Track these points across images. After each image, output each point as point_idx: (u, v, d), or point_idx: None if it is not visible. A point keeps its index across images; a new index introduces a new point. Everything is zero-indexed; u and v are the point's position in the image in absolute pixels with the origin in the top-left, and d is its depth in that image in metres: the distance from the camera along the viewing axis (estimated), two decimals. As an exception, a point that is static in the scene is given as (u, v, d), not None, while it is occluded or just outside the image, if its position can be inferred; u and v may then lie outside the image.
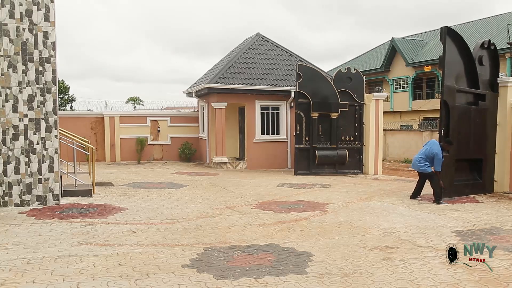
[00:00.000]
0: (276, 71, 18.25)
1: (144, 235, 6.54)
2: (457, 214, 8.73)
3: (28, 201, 8.49)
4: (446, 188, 10.24)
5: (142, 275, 4.81)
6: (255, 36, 20.01)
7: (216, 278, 4.79)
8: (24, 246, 5.84)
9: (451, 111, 10.34)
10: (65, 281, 4.59)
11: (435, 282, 4.84)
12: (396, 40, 32.73)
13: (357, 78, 15.07)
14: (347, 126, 14.66)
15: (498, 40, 24.09)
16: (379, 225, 7.61)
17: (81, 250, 5.71)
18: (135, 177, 13.50)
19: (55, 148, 8.69)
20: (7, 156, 8.36)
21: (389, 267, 5.31)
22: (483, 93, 11.22)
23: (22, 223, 7.15)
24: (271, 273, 4.99)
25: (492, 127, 11.49)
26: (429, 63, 29.61)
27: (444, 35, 10.19)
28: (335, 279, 4.86)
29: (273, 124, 17.77)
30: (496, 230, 7.40)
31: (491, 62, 11.57)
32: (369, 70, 33.23)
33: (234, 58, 18.38)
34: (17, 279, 4.63)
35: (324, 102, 14.18)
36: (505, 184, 11.47)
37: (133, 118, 19.90)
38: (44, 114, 8.57)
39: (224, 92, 16.94)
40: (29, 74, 8.46)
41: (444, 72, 10.22)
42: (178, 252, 5.72)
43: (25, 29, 8.40)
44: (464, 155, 10.82)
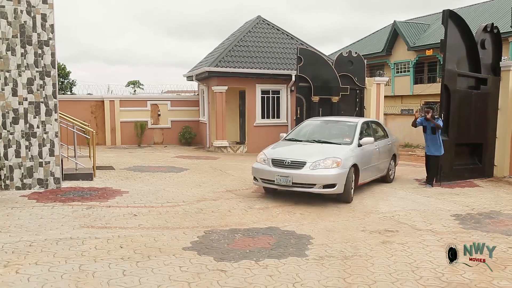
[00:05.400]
0: (277, 54, 18.12)
1: (145, 218, 6.59)
2: (457, 198, 8.77)
3: (30, 184, 8.52)
4: (446, 172, 10.29)
5: (144, 258, 4.86)
6: (256, 19, 19.82)
7: (216, 260, 4.84)
8: (26, 228, 5.88)
9: (452, 96, 10.31)
10: (67, 263, 4.64)
11: (433, 265, 4.89)
12: (398, 23, 32.39)
13: (358, 62, 14.94)
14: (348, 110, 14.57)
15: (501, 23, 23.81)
16: (379, 209, 7.66)
17: (83, 232, 5.76)
18: (136, 161, 13.53)
19: (56, 132, 8.69)
20: (7, 140, 8.37)
21: (388, 250, 5.36)
22: (484, 77, 11.16)
23: (24, 206, 7.19)
24: (271, 256, 5.04)
25: (493, 112, 11.45)
26: (431, 47, 29.33)
27: (446, 18, 10.09)
28: (335, 261, 4.91)
29: (273, 108, 17.72)
30: (495, 214, 7.45)
31: (493, 46, 11.48)
32: (370, 53, 32.96)
33: (234, 41, 18.23)
34: (20, 261, 4.68)
35: (325, 86, 14.10)
36: (505, 169, 11.49)
37: (133, 102, 19.84)
38: (43, 98, 8.55)
39: (225, 76, 16.84)
40: (28, 57, 8.41)
41: (446, 56, 10.15)
42: (179, 235, 5.77)
43: (23, 11, 8.32)
44: (465, 139, 10.82)
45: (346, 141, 8.81)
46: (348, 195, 8.00)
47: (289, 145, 9.07)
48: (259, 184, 8.46)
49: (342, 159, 7.89)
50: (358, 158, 8.47)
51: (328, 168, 7.75)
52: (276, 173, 7.91)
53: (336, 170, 7.74)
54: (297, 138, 9.35)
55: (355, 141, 8.75)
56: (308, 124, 10.18)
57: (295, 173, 7.74)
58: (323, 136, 9.25)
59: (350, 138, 8.88)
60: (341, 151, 8.26)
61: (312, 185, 7.70)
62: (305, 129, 9.91)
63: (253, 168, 8.49)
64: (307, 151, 8.45)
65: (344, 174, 7.81)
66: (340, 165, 7.80)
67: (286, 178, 7.77)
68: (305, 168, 7.76)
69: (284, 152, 8.40)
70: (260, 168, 8.27)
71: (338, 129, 9.67)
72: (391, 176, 10.54)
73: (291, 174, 7.76)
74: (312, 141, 9.05)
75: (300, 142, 9.11)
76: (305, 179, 7.72)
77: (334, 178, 7.70)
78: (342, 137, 9.06)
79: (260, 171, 8.25)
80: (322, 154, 8.07)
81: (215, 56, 18.01)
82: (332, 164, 7.79)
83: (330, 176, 7.69)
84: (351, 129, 9.23)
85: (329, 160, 7.84)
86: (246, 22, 20.94)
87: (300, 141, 9.16)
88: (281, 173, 7.86)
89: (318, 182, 7.68)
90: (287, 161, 7.95)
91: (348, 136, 9.01)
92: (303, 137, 9.37)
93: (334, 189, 7.70)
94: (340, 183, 7.75)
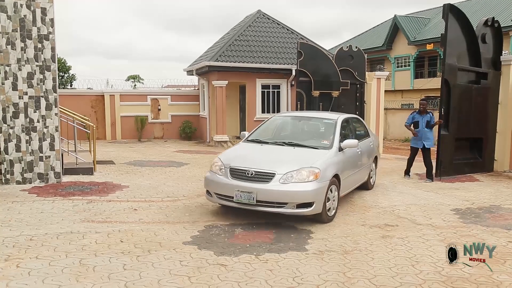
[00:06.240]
0: (277, 49, 18.08)
1: (145, 213, 6.60)
2: (457, 192, 8.78)
3: (30, 178, 8.53)
4: (446, 166, 10.29)
5: (144, 252, 4.87)
6: (256, 13, 19.74)
7: (217, 255, 4.85)
8: (27, 223, 5.89)
9: (452, 90, 10.28)
10: (68, 257, 4.65)
11: (433, 259, 4.90)
12: (398, 17, 32.29)
13: (358, 56, 14.89)
14: (348, 105, 14.53)
15: (502, 17, 23.74)
16: (379, 203, 7.66)
17: (83, 227, 5.77)
18: (136, 155, 13.54)
19: (56, 126, 8.68)
20: (7, 134, 8.37)
21: (388, 245, 5.37)
22: (485, 71, 11.13)
23: (24, 200, 7.20)
24: (271, 250, 5.05)
25: (494, 106, 11.43)
26: (431, 41, 29.25)
27: (446, 12, 10.05)
28: (335, 256, 4.92)
29: (273, 102, 17.70)
30: (495, 208, 7.45)
31: (494, 40, 11.43)
32: (371, 48, 32.88)
33: (234, 35, 18.18)
34: (21, 255, 4.69)
35: (325, 80, 14.05)
36: (505, 163, 11.49)
37: (133, 96, 19.81)
38: (44, 92, 8.54)
39: (225, 70, 16.82)
40: (28, 51, 8.39)
41: (446, 50, 10.11)
42: (179, 229, 5.78)
43: (22, 5, 8.28)
44: (465, 134, 10.81)
45: (324, 144, 7.00)
46: (326, 214, 6.27)
47: (253, 149, 7.09)
48: (213, 201, 6.57)
49: (321, 169, 6.14)
50: (340, 166, 6.74)
51: (304, 182, 5.98)
52: (235, 187, 6.07)
53: (314, 184, 5.99)
54: (262, 139, 7.40)
55: (335, 144, 6.97)
56: (276, 121, 8.22)
57: (261, 188, 5.92)
58: (295, 137, 7.48)
59: (329, 140, 7.08)
60: (319, 158, 6.46)
61: (283, 204, 5.92)
62: (273, 127, 8.08)
63: (205, 179, 6.68)
64: (276, 158, 6.60)
65: (323, 188, 6.11)
66: (318, 177, 6.04)
67: (249, 194, 5.94)
68: (274, 181, 5.96)
69: (247, 159, 6.54)
70: (215, 180, 6.40)
71: (313, 128, 7.92)
72: (371, 182, 8.91)
73: (255, 189, 5.93)
74: (282, 143, 7.12)
75: (267, 144, 7.18)
76: (274, 196, 5.92)
77: (312, 195, 5.95)
78: (319, 139, 7.31)
79: (215, 183, 6.41)
80: (295, 162, 6.27)
81: (215, 50, 17.96)
82: (309, 176, 6.02)
83: (306, 193, 5.93)
84: (330, 128, 7.44)
85: (304, 171, 6.06)
86: (246, 17, 20.87)
87: (266, 143, 7.23)
88: (242, 187, 6.02)
89: (291, 201, 5.90)
90: (250, 172, 6.11)
91: (326, 137, 7.23)
92: (270, 138, 7.57)
93: (311, 208, 5.95)
94: (318, 201, 6.02)
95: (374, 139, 9.41)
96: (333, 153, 6.78)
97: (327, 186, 6.21)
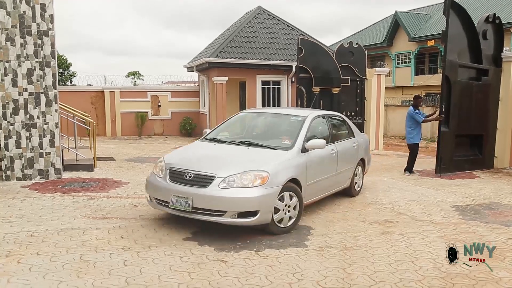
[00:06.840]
0: (278, 45, 18.04)
1: (145, 209, 6.60)
2: (457, 189, 8.78)
3: (30, 175, 8.54)
4: (446, 163, 10.30)
5: (144, 248, 4.88)
6: (256, 9, 19.70)
7: (217, 250, 4.86)
8: (28, 219, 5.90)
9: (452, 87, 10.28)
10: (68, 253, 4.66)
11: (433, 255, 4.91)
12: (399, 14, 32.22)
13: (359, 52, 14.89)
14: (349, 101, 14.55)
15: (503, 14, 23.66)
16: (379, 200, 7.67)
17: (84, 223, 5.78)
18: (136, 152, 13.54)
19: (56, 123, 8.68)
20: (8, 131, 8.37)
21: (388, 241, 5.38)
22: (486, 68, 11.12)
23: (25, 196, 7.21)
24: (271, 246, 5.06)
25: (494, 103, 11.42)
26: (432, 37, 29.20)
27: (447, 9, 10.03)
28: (335, 252, 4.93)
29: (274, 99, 17.68)
30: (495, 205, 7.46)
31: (495, 37, 11.41)
32: (371, 44, 32.81)
33: (234, 32, 18.14)
34: (22, 251, 4.70)
35: (325, 77, 14.05)
36: (506, 160, 11.49)
37: (133, 93, 19.82)
38: (43, 88, 8.53)
39: (225, 67, 16.79)
40: (28, 48, 8.37)
41: (447, 46, 10.09)
42: (179, 225, 5.78)
43: (22, 1, 8.26)
44: (465, 130, 10.81)
45: (285, 144, 6.23)
46: (275, 225, 5.48)
47: (202, 148, 6.53)
48: (153, 206, 5.88)
49: (270, 173, 5.37)
50: (301, 169, 5.97)
51: (247, 187, 5.24)
52: (172, 191, 5.43)
53: (260, 190, 5.23)
54: (220, 138, 6.78)
55: (298, 144, 6.20)
56: (240, 118, 7.63)
57: (197, 194, 5.23)
58: (255, 136, 6.93)
59: (292, 139, 6.30)
60: (272, 160, 5.73)
61: (222, 213, 5.19)
62: (236, 124, 7.52)
63: (146, 182, 6.05)
64: (222, 158, 5.95)
65: (272, 195, 5.33)
66: (266, 181, 5.29)
67: (185, 200, 5.27)
68: (213, 185, 5.25)
69: (190, 159, 5.91)
70: (154, 182, 5.77)
71: (279, 126, 7.09)
72: (356, 187, 8.00)
73: (191, 194, 5.25)
74: (239, 142, 6.44)
75: (222, 143, 6.56)
76: (211, 203, 5.19)
77: (256, 203, 5.19)
78: (282, 138, 6.50)
79: (154, 186, 5.77)
80: (241, 164, 5.53)
81: (215, 46, 17.93)
82: (255, 181, 5.27)
83: (248, 200, 5.17)
84: (296, 126, 6.62)
85: (249, 174, 5.31)
86: (246, 13, 20.83)
87: (223, 142, 6.61)
88: (178, 191, 5.36)
89: (230, 209, 5.16)
90: (189, 174, 5.43)
91: (290, 136, 6.43)
92: (227, 137, 6.90)
93: (254, 218, 5.19)
94: (265, 209, 5.25)
95: (362, 140, 8.41)
96: (293, 155, 6.01)
97: (278, 192, 5.42)
